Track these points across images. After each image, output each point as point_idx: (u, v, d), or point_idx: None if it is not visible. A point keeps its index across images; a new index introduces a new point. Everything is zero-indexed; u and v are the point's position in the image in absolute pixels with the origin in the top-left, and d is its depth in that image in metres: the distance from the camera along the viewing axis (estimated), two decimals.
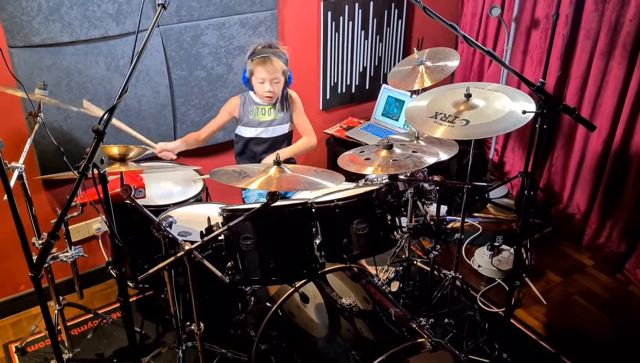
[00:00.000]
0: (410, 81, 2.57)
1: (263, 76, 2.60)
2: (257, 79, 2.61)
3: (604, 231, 3.30)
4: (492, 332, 2.69)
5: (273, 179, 1.80)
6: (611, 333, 2.81)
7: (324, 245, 1.98)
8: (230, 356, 2.40)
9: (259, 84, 2.63)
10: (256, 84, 2.64)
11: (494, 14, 3.42)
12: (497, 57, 1.80)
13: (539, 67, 3.50)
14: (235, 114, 2.76)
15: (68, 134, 2.67)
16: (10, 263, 2.80)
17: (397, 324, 2.04)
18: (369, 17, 3.55)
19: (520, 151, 3.84)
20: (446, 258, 3.26)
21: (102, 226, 3.01)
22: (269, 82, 2.61)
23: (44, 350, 2.68)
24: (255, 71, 2.60)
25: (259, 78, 2.61)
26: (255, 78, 2.62)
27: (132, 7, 2.60)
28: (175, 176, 2.72)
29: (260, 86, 2.63)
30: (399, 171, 2.05)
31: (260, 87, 2.64)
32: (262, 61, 2.58)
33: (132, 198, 1.74)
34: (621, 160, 3.12)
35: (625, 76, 3.03)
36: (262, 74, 2.59)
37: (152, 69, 2.80)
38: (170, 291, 2.06)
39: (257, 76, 2.60)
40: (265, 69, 2.58)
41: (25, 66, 2.46)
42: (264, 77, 2.60)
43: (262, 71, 2.59)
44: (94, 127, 1.44)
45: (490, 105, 1.97)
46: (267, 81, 2.61)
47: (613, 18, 3.02)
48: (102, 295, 3.08)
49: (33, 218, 2.31)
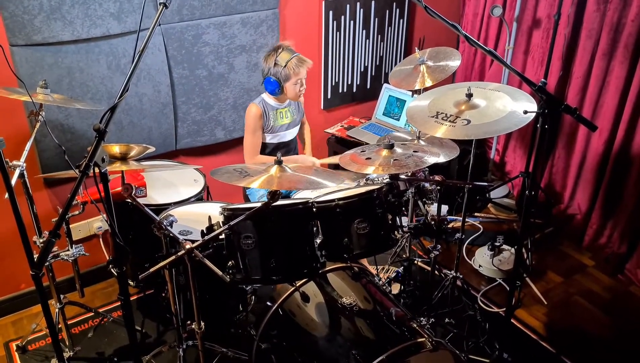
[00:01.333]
0: (411, 80, 2.57)
1: (303, 74, 2.63)
2: (296, 80, 2.62)
3: (605, 232, 3.30)
4: (492, 331, 2.69)
5: (274, 179, 1.80)
6: (612, 333, 2.81)
7: (324, 244, 1.98)
8: (230, 355, 2.40)
9: (295, 85, 2.64)
10: (291, 86, 2.64)
11: (496, 14, 3.42)
12: (498, 57, 1.80)
13: (541, 67, 3.50)
14: (262, 123, 2.72)
15: (69, 132, 2.67)
16: (11, 262, 2.80)
17: (397, 324, 2.04)
18: (371, 16, 3.55)
19: (521, 151, 3.83)
20: (447, 258, 3.26)
21: (103, 225, 3.01)
22: (304, 80, 2.66)
23: (44, 349, 2.68)
24: (293, 74, 2.60)
25: (298, 80, 2.62)
26: (293, 80, 2.62)
27: (133, 6, 2.60)
28: (177, 175, 2.73)
29: (297, 87, 2.65)
30: (400, 170, 2.05)
31: (295, 88, 2.65)
32: (301, 61, 2.60)
33: (133, 197, 1.74)
34: (622, 160, 3.12)
35: (626, 76, 3.03)
36: (302, 74, 2.62)
37: (154, 68, 2.80)
38: (171, 290, 2.06)
39: (296, 77, 2.61)
40: (304, 68, 2.62)
41: (27, 65, 2.46)
42: (302, 76, 2.63)
43: (302, 71, 2.62)
44: (95, 126, 1.44)
45: (491, 105, 1.97)
46: (303, 79, 2.65)
47: (615, 18, 3.02)
48: (103, 293, 3.08)
49: (34, 217, 2.31)
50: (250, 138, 2.72)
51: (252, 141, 2.72)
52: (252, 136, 2.71)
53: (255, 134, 2.71)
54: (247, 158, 2.75)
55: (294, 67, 2.58)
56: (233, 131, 3.21)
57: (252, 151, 2.73)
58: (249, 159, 2.75)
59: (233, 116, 3.17)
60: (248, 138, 2.73)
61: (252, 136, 2.71)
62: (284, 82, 2.62)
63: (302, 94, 2.72)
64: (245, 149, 2.74)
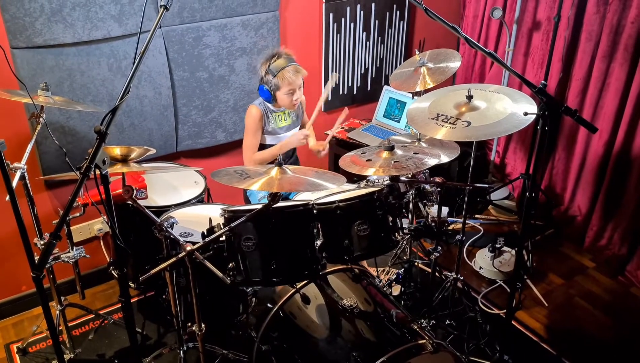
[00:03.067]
0: (411, 82, 2.57)
1: (296, 84, 2.54)
2: (286, 90, 2.54)
3: (606, 233, 3.30)
4: (493, 333, 2.69)
5: (274, 180, 1.80)
6: (612, 335, 2.81)
7: (325, 246, 1.98)
8: (231, 357, 2.40)
9: (286, 95, 2.57)
10: (283, 96, 2.57)
11: (496, 16, 3.42)
12: (498, 59, 1.80)
13: (541, 69, 3.50)
14: (262, 124, 2.68)
15: (70, 135, 2.67)
16: (12, 264, 2.81)
17: (398, 325, 2.03)
18: (371, 18, 3.55)
19: (521, 153, 3.84)
20: (447, 260, 3.26)
21: (104, 227, 3.01)
22: (298, 89, 2.58)
23: (45, 351, 2.68)
24: (284, 83, 2.52)
25: (290, 89, 2.54)
26: (284, 90, 2.54)
27: (134, 9, 2.61)
28: (177, 177, 2.74)
29: (289, 97, 2.57)
30: (401, 172, 2.05)
31: (288, 97, 2.58)
32: (292, 71, 2.52)
33: (134, 199, 1.74)
34: (622, 162, 3.12)
35: (626, 78, 3.03)
36: (295, 84, 2.54)
37: (154, 70, 2.80)
38: (172, 292, 2.06)
39: (288, 87, 2.53)
40: (298, 78, 2.54)
41: (28, 67, 2.46)
42: (295, 86, 2.55)
43: (294, 80, 2.52)
44: (95, 128, 1.44)
45: (491, 107, 1.97)
46: (297, 89, 2.57)
47: (614, 20, 3.03)
48: (103, 295, 3.08)
49: (35, 219, 2.31)
50: (250, 139, 2.70)
51: (251, 142, 2.70)
52: (252, 138, 2.69)
53: (255, 136, 2.69)
54: (246, 159, 2.73)
55: (284, 78, 2.51)
56: (234, 133, 3.22)
57: (250, 152, 2.71)
58: (247, 160, 2.73)
59: (234, 118, 3.17)
60: (248, 138, 2.70)
61: (252, 137, 2.69)
62: (274, 91, 2.57)
63: (298, 103, 2.66)
64: (245, 150, 2.73)
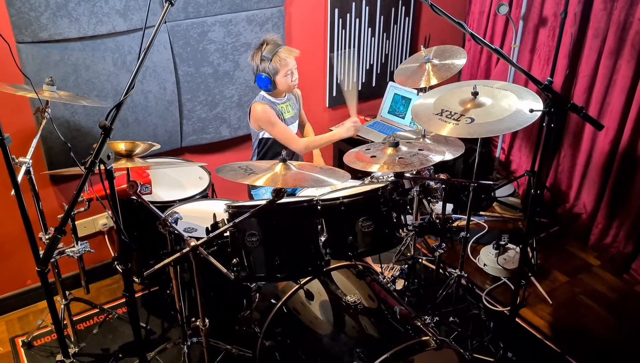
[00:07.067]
0: (417, 78, 2.56)
1: (292, 64, 2.59)
2: (285, 71, 2.59)
3: (611, 231, 3.28)
4: (497, 330, 2.69)
5: (279, 176, 1.80)
6: (617, 333, 2.80)
7: (329, 242, 1.98)
8: (235, 352, 2.41)
9: (285, 77, 2.61)
10: (282, 79, 2.61)
11: (502, 12, 3.40)
12: (504, 55, 1.79)
13: (547, 66, 3.48)
14: (275, 112, 2.68)
15: (75, 129, 2.68)
16: (18, 258, 2.82)
17: (401, 322, 2.03)
18: (376, 14, 3.54)
19: (527, 150, 3.82)
20: (452, 257, 3.25)
21: (109, 222, 3.02)
22: (294, 70, 2.63)
23: (50, 345, 2.70)
24: (282, 65, 2.56)
25: (288, 70, 2.59)
26: (283, 72, 2.58)
27: (139, 4, 2.61)
28: (182, 172, 2.74)
29: (288, 78, 2.62)
30: (405, 169, 2.04)
31: (287, 79, 2.62)
32: (287, 51, 2.57)
33: (138, 194, 1.74)
34: (629, 160, 3.10)
35: (633, 75, 3.01)
36: (291, 64, 2.59)
37: (159, 65, 2.80)
38: (176, 287, 2.06)
39: (286, 68, 2.58)
40: (292, 58, 2.59)
41: (33, 62, 2.47)
42: (292, 66, 2.60)
43: (291, 61, 2.59)
44: (100, 123, 1.44)
45: (497, 103, 1.97)
46: (294, 69, 2.62)
47: (622, 17, 3.00)
48: (108, 290, 3.10)
49: (40, 213, 2.32)
50: (283, 128, 2.68)
51: (283, 130, 2.68)
52: (279, 127, 2.67)
53: (280, 123, 2.68)
54: (299, 147, 2.73)
55: (281, 59, 2.55)
56: (238, 129, 3.22)
57: (292, 138, 2.72)
58: (301, 148, 2.74)
59: (238, 113, 3.17)
60: (277, 129, 2.66)
61: (279, 126, 2.67)
62: (274, 76, 2.59)
63: (296, 84, 2.69)
64: (289, 141, 2.70)
